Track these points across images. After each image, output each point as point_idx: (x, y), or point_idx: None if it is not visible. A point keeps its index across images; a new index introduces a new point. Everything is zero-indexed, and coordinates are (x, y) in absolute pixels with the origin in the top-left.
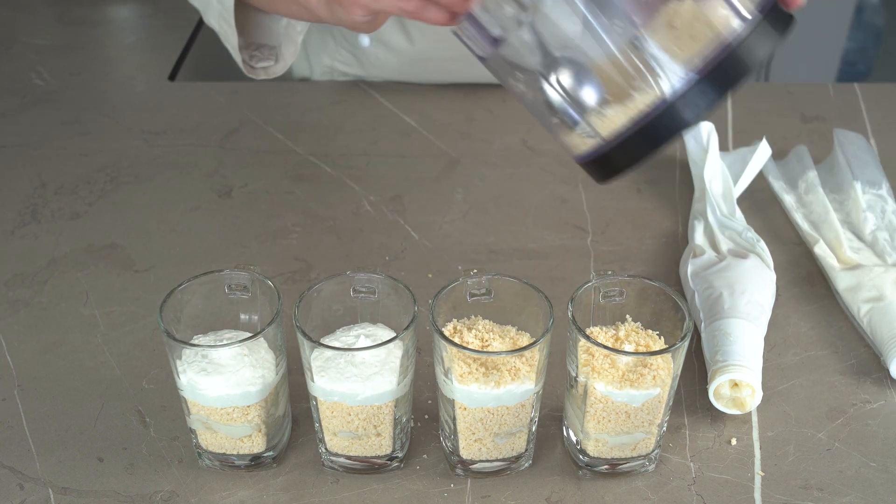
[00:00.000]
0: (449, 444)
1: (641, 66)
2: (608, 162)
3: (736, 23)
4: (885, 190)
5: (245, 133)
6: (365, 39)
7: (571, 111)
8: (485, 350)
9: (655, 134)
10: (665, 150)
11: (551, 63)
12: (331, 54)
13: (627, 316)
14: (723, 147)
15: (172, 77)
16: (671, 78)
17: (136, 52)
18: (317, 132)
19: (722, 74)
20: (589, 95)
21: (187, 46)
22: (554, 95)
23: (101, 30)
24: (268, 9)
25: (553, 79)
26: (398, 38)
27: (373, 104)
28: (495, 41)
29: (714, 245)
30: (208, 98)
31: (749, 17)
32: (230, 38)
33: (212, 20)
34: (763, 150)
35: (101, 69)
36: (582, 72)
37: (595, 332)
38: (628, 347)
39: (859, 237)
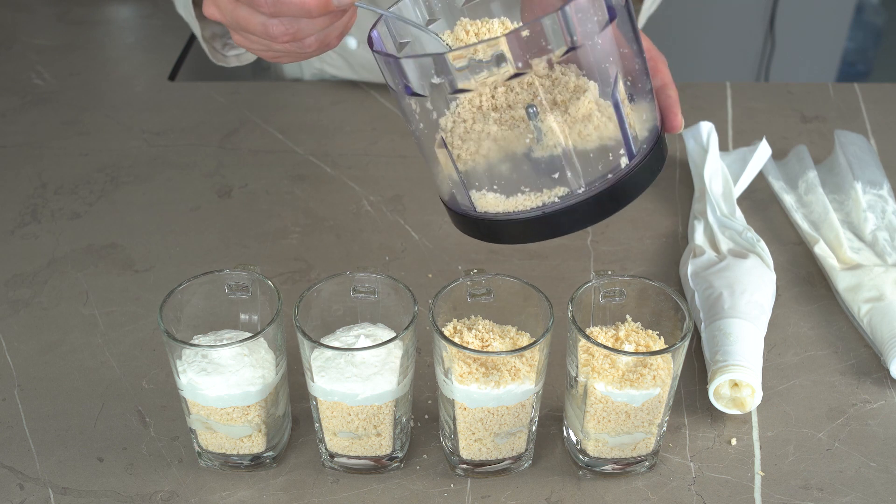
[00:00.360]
0: (449, 444)
1: (538, 171)
2: (466, 223)
3: (626, 159)
4: (885, 191)
5: (245, 133)
6: (353, 43)
7: (458, 180)
8: (485, 350)
9: (519, 231)
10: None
11: (455, 136)
12: (320, 57)
13: (627, 316)
14: (723, 147)
15: (172, 77)
16: (559, 191)
17: (136, 52)
18: (317, 132)
19: (607, 200)
20: (484, 176)
21: (187, 46)
22: (446, 161)
23: (101, 30)
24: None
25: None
26: None
27: (373, 104)
28: (413, 93)
29: (714, 245)
30: (208, 98)
31: (638, 151)
32: (194, 29)
33: (180, 10)
34: (763, 150)
35: (101, 69)
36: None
37: (595, 332)
38: (628, 347)
39: (859, 237)
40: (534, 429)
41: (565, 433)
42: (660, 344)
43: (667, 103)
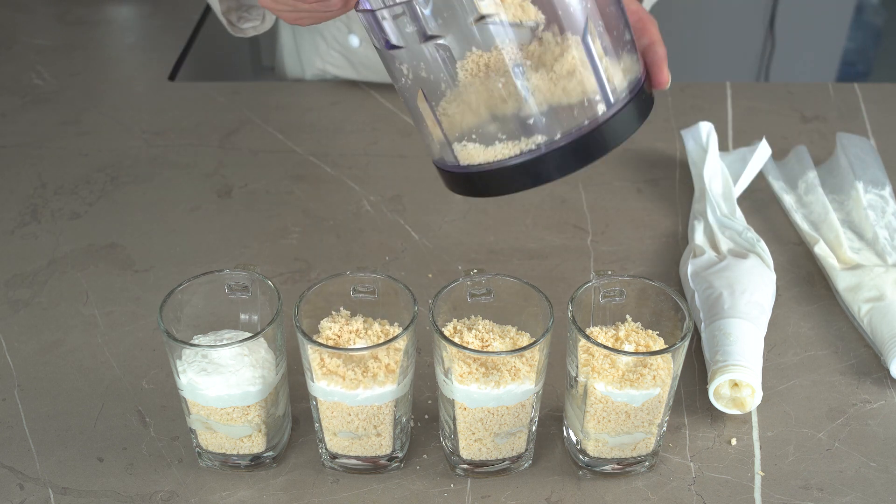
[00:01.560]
0: (449, 444)
1: (514, 119)
2: (454, 179)
3: (603, 106)
4: (887, 192)
5: (245, 133)
6: (355, 40)
7: (442, 133)
8: (485, 350)
9: (502, 181)
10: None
11: (434, 88)
12: (322, 56)
13: (627, 316)
14: (723, 147)
15: (172, 77)
16: (537, 139)
17: (136, 52)
18: (317, 132)
19: (584, 148)
20: (462, 126)
21: (187, 46)
22: (429, 116)
23: (101, 30)
24: None
25: (433, 102)
26: None
27: (373, 104)
28: (392, 45)
29: (714, 245)
30: (208, 98)
31: (616, 100)
32: (213, 3)
33: None
34: (763, 150)
35: (101, 69)
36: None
37: (595, 332)
38: (628, 347)
39: (860, 237)
40: (534, 429)
41: (565, 433)
42: (660, 344)
43: (653, 59)
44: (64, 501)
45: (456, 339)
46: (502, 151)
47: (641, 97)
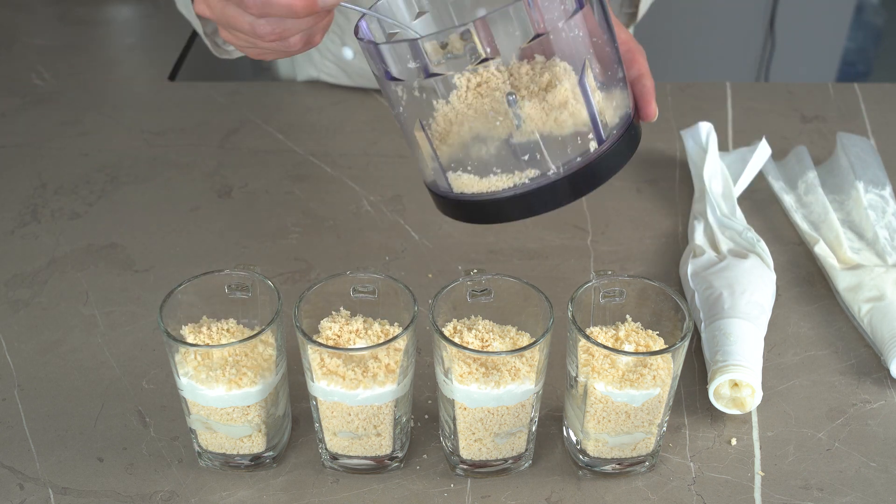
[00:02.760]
0: (449, 444)
1: (508, 152)
2: (446, 204)
3: (594, 143)
4: (888, 192)
5: (245, 133)
6: (349, 53)
7: (437, 161)
8: (485, 350)
9: (493, 211)
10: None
11: (430, 117)
12: (317, 66)
13: (627, 316)
14: (722, 147)
15: (172, 77)
16: (530, 173)
17: (136, 52)
18: (317, 132)
19: (576, 182)
20: (455, 160)
21: (187, 46)
22: (424, 144)
23: (101, 30)
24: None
25: (428, 132)
26: None
27: (373, 104)
28: (392, 78)
29: (714, 245)
30: (208, 98)
31: (608, 136)
32: (195, 26)
33: (181, 7)
34: (763, 150)
35: (101, 69)
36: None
37: (595, 332)
38: (628, 347)
39: (860, 237)
40: (534, 429)
41: (565, 433)
42: (660, 344)
43: (641, 92)
44: (64, 501)
45: (456, 339)
46: (496, 184)
47: (631, 132)
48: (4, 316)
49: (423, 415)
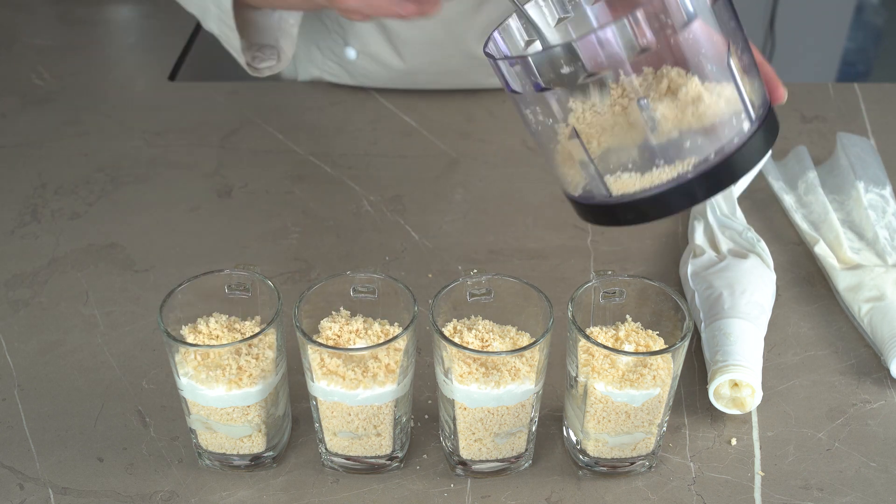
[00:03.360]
0: (449, 444)
1: (668, 144)
2: (604, 212)
3: (747, 124)
4: (888, 192)
5: (245, 133)
6: (352, 53)
7: (592, 168)
8: (485, 350)
9: (659, 207)
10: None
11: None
12: (318, 66)
13: (627, 316)
14: None
15: (172, 77)
16: (688, 161)
17: (136, 52)
18: (317, 132)
19: (732, 166)
20: (614, 161)
21: (187, 46)
22: (578, 151)
23: (101, 30)
24: (264, 4)
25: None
26: (387, 54)
27: (373, 104)
28: (541, 87)
29: (714, 245)
30: (208, 98)
31: (756, 117)
32: (232, 42)
33: (212, 25)
34: None
35: (101, 69)
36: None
37: (595, 332)
38: (628, 347)
39: (860, 237)
40: (534, 429)
41: (565, 433)
42: (660, 344)
43: (767, 76)
44: (64, 501)
45: (456, 339)
46: (659, 177)
47: (772, 111)
48: (4, 316)
49: (423, 415)
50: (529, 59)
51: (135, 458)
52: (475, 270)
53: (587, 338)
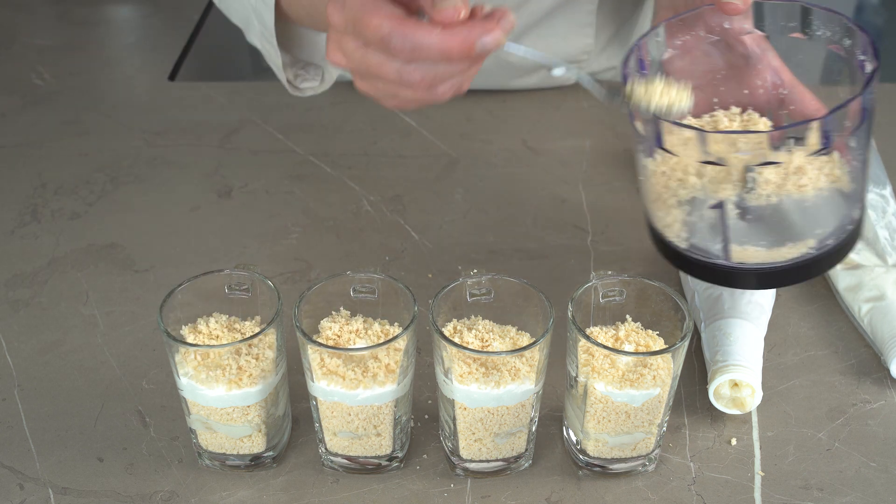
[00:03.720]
0: (449, 444)
1: (797, 230)
2: (709, 270)
3: (857, 212)
4: (888, 192)
5: (245, 133)
6: None
7: (724, 236)
8: (485, 350)
9: (774, 279)
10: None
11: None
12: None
13: (627, 316)
14: None
15: (172, 77)
16: (808, 242)
17: (136, 52)
18: (317, 132)
19: (843, 249)
20: (748, 235)
21: (187, 46)
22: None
23: (101, 30)
24: (311, 26)
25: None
26: None
27: (372, 104)
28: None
29: None
30: (208, 98)
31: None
32: (274, 59)
33: (254, 39)
34: None
35: (101, 69)
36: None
37: (595, 332)
38: (628, 347)
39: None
40: (534, 429)
41: (565, 433)
42: (660, 344)
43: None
44: (64, 501)
45: (456, 339)
46: (784, 255)
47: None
48: (4, 316)
49: (423, 415)
50: (704, 134)
51: (135, 458)
52: (475, 270)
53: (587, 338)
